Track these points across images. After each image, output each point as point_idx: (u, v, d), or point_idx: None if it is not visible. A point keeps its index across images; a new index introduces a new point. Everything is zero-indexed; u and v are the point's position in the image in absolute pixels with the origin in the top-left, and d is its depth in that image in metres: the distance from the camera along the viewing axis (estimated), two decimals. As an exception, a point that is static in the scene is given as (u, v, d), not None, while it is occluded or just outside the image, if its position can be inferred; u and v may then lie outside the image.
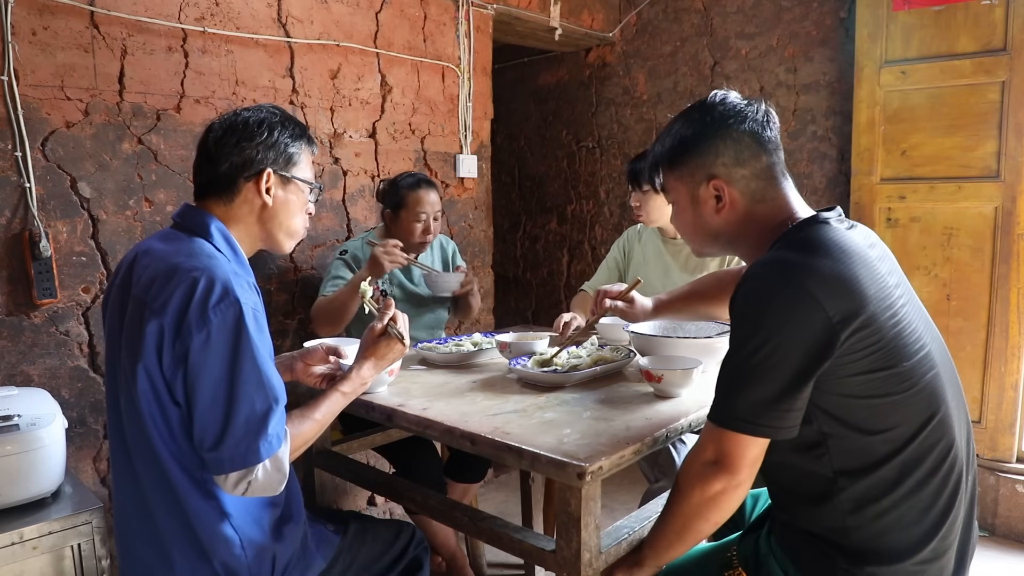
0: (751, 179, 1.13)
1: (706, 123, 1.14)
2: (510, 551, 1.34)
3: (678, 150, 1.17)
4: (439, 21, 2.83)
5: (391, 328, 1.36)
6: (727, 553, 1.24)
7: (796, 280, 0.97)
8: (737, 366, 1.02)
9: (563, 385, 1.55)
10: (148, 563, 1.18)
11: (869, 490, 1.02)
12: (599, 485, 1.19)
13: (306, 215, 1.34)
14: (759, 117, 1.13)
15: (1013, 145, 2.45)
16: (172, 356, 1.09)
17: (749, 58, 3.19)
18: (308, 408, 1.25)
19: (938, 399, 1.03)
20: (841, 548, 1.04)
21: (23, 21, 1.85)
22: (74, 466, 1.99)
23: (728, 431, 1.02)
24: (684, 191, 1.19)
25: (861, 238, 1.08)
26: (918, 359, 1.01)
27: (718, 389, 1.06)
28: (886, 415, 1.00)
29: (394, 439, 2.08)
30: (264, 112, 1.27)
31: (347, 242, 2.32)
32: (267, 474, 1.10)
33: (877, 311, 0.98)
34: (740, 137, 1.12)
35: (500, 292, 4.22)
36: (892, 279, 1.05)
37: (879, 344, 0.98)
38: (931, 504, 1.02)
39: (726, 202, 1.14)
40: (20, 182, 1.86)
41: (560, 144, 4.06)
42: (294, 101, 2.42)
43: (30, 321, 1.92)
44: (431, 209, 2.21)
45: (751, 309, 1.02)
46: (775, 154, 1.14)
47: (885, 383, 0.99)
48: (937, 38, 2.57)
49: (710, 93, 1.19)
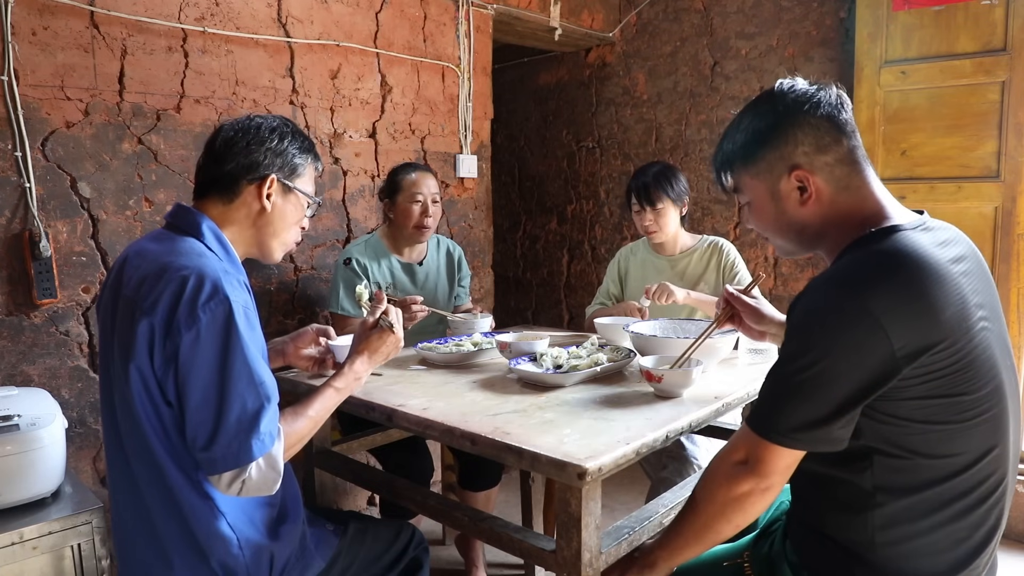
0: (835, 165, 1.04)
1: (779, 112, 1.06)
2: (510, 551, 1.34)
3: (752, 145, 1.09)
4: (439, 21, 2.83)
5: (383, 320, 1.35)
6: (738, 559, 1.22)
7: (859, 300, 0.90)
8: (784, 379, 0.97)
9: (563, 385, 1.55)
10: (146, 563, 1.18)
11: (907, 510, 0.97)
12: (599, 485, 1.19)
13: (299, 229, 1.35)
14: (833, 100, 1.05)
15: (1013, 145, 2.45)
16: (163, 355, 1.08)
17: (749, 58, 3.19)
18: (301, 405, 1.25)
19: (1000, 432, 0.98)
20: (863, 561, 1.00)
21: (23, 21, 1.85)
22: (74, 466, 1.99)
23: (764, 440, 0.98)
24: (763, 188, 1.10)
25: (946, 251, 0.98)
26: (987, 392, 0.95)
27: (762, 395, 1.02)
28: (941, 442, 0.94)
29: (394, 439, 2.08)
30: (276, 121, 1.30)
31: (349, 247, 2.29)
32: (261, 473, 1.10)
33: (949, 338, 0.90)
34: (818, 123, 1.04)
35: (500, 292, 4.22)
36: (976, 298, 0.96)
37: (946, 371, 0.91)
38: (969, 535, 0.98)
39: (811, 192, 1.05)
40: (20, 182, 1.86)
41: (560, 144, 4.06)
42: (294, 101, 2.42)
43: (30, 321, 1.92)
44: (427, 191, 2.20)
45: (807, 322, 0.96)
46: (854, 137, 1.06)
47: (945, 410, 0.93)
48: (937, 38, 2.57)
49: (775, 83, 1.12)
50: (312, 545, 1.32)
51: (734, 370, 1.69)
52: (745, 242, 3.27)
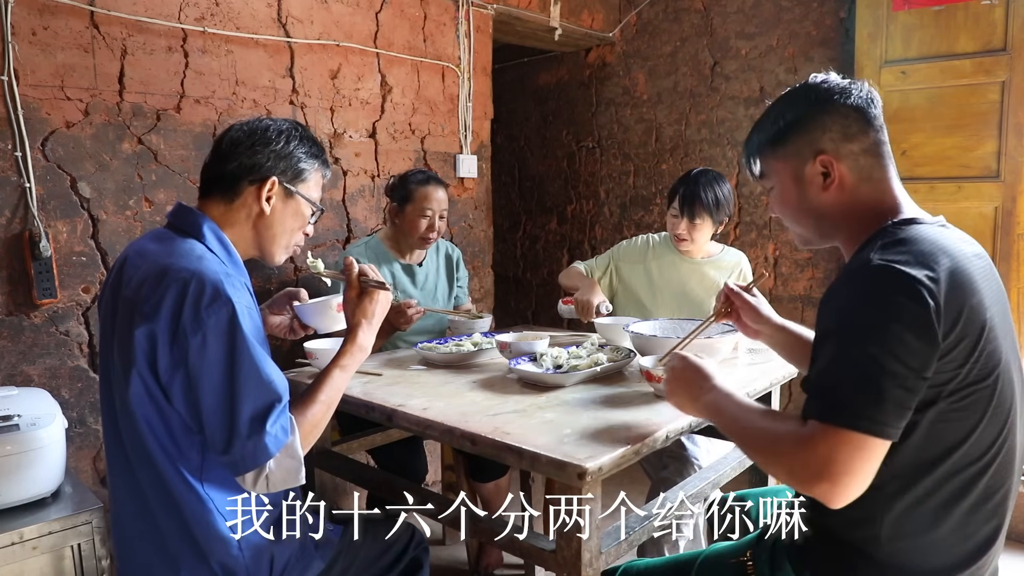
0: (860, 155, 1.07)
1: (811, 100, 1.10)
2: (510, 551, 1.34)
3: (783, 131, 1.12)
4: (439, 21, 2.83)
5: (366, 282, 1.32)
6: (741, 556, 1.22)
7: (908, 278, 0.90)
8: (856, 365, 0.92)
9: (563, 385, 1.55)
10: (146, 563, 1.18)
11: (915, 506, 0.97)
12: (599, 485, 1.19)
13: (302, 234, 1.33)
14: (864, 94, 1.09)
15: (1013, 145, 2.45)
16: (170, 360, 1.08)
17: (749, 58, 3.19)
18: (310, 392, 1.23)
19: (1007, 429, 0.98)
20: (868, 558, 1.00)
21: (23, 21, 1.85)
22: (74, 466, 1.99)
23: (848, 431, 0.90)
24: (788, 172, 1.12)
25: (968, 246, 1.01)
26: (997, 388, 0.96)
27: (828, 388, 0.95)
28: (953, 438, 0.95)
29: (394, 439, 2.08)
30: (286, 124, 1.28)
31: (348, 248, 2.29)
32: (282, 467, 1.11)
33: (970, 333, 0.92)
34: (847, 111, 1.07)
35: (500, 292, 4.22)
36: (989, 295, 0.98)
37: (963, 366, 0.93)
38: (976, 531, 0.98)
39: (835, 178, 1.07)
40: (20, 182, 1.86)
41: (560, 144, 4.06)
42: (294, 101, 2.42)
43: (30, 321, 1.92)
44: (438, 207, 2.19)
45: (860, 306, 0.94)
46: (882, 132, 1.09)
47: (958, 406, 0.94)
48: (937, 38, 2.57)
49: (809, 77, 1.14)
50: (312, 545, 1.32)
51: (734, 370, 1.69)
52: (745, 242, 3.27)
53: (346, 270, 1.33)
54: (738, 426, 1.07)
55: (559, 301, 2.30)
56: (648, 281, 2.33)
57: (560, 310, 2.28)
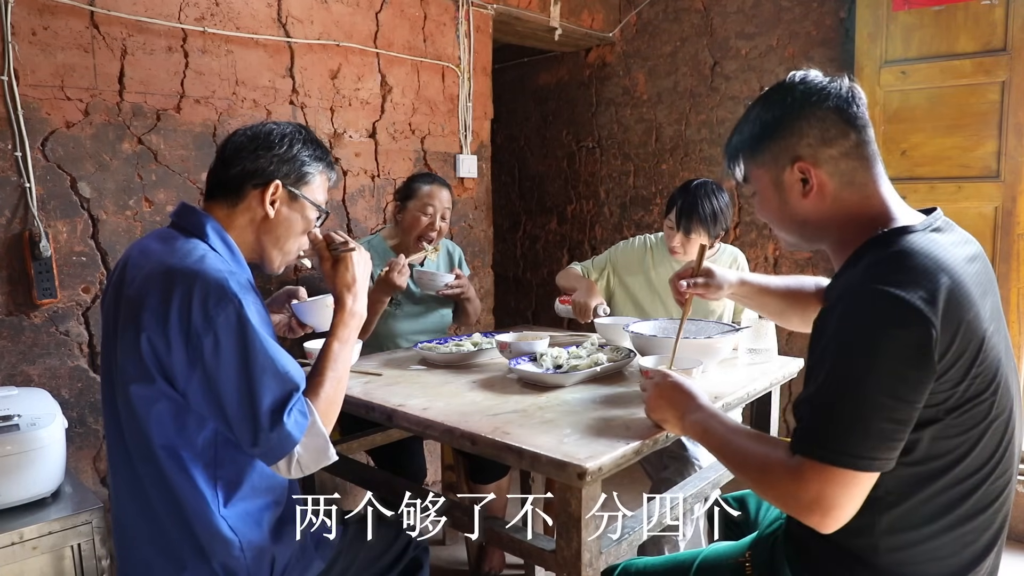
0: (839, 159, 1.04)
1: (787, 104, 1.07)
2: (510, 551, 1.34)
3: (759, 136, 1.10)
4: (439, 21, 2.83)
5: (335, 250, 1.31)
6: (740, 558, 1.22)
7: (905, 301, 0.88)
8: (844, 400, 0.91)
9: (563, 385, 1.55)
10: (147, 564, 1.18)
11: (913, 515, 0.96)
12: (599, 485, 1.19)
13: (306, 238, 1.33)
14: (843, 93, 1.05)
15: (1013, 145, 2.45)
16: (186, 362, 1.09)
17: (749, 58, 3.19)
18: (314, 371, 1.23)
19: (1006, 435, 0.98)
20: (866, 565, 1.00)
21: (23, 21, 1.85)
22: (74, 466, 1.99)
23: (837, 468, 0.90)
24: (767, 178, 1.10)
25: (962, 250, 0.98)
26: (995, 396, 0.95)
27: (817, 421, 0.94)
28: (952, 446, 0.94)
29: (394, 439, 2.08)
30: (290, 128, 1.28)
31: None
32: (308, 448, 1.13)
33: (971, 344, 0.91)
34: (825, 115, 1.04)
35: (500, 292, 4.21)
36: (987, 301, 0.96)
37: (963, 377, 0.91)
38: (975, 539, 0.98)
39: (813, 185, 1.05)
40: (20, 182, 1.86)
41: (560, 144, 4.06)
42: (294, 101, 2.42)
43: (30, 321, 1.92)
44: (439, 205, 2.21)
45: (852, 336, 0.91)
46: (864, 132, 1.04)
47: (958, 416, 0.93)
48: (937, 38, 2.57)
49: (788, 75, 1.12)
50: (312, 545, 1.32)
51: (734, 370, 1.69)
52: (745, 242, 3.27)
53: (312, 244, 1.33)
54: (729, 449, 1.07)
55: (556, 300, 2.30)
56: (646, 283, 2.34)
57: (557, 309, 2.29)
